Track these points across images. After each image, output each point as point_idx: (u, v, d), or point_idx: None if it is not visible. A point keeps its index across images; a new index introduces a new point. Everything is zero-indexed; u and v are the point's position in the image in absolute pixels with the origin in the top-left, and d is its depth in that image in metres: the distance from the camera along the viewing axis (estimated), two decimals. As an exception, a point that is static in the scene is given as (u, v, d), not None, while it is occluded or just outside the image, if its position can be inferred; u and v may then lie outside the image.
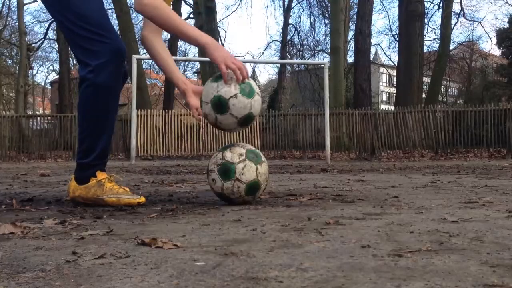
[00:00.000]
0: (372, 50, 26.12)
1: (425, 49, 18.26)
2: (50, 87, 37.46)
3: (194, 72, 34.09)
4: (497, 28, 22.51)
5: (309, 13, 25.67)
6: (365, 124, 10.63)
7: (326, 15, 23.75)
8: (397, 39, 17.02)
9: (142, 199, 2.06)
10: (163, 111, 11.46)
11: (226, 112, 1.97)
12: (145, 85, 15.97)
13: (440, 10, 18.51)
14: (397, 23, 18.10)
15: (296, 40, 25.80)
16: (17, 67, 22.18)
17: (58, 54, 22.98)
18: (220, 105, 1.96)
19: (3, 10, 24.41)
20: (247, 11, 67.76)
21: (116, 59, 2.01)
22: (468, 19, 23.06)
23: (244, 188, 1.98)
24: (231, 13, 63.36)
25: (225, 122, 2.00)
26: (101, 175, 2.05)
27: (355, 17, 18.52)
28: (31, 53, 24.25)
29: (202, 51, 2.09)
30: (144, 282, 0.87)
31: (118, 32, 20.69)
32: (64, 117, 10.89)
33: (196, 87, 2.23)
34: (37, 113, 14.39)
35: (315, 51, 26.18)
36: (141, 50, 15.33)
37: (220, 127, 2.04)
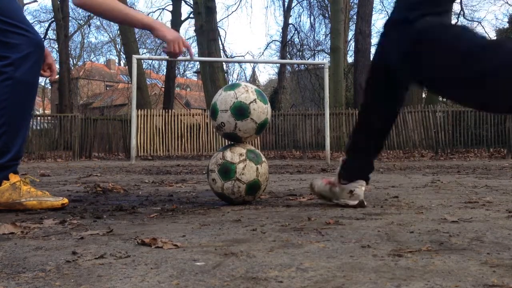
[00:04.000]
0: (372, 50, 26.07)
1: (425, 49, 18.20)
2: (50, 87, 37.48)
3: (194, 72, 34.11)
4: (497, 28, 22.50)
5: (309, 13, 25.66)
6: (365, 124, 10.59)
7: (326, 15, 23.75)
8: (397, 39, 17.00)
9: (65, 200, 1.98)
10: (163, 111, 11.45)
11: (247, 117, 2.01)
12: (145, 85, 15.98)
13: (440, 10, 18.47)
14: (397, 23, 18.06)
15: (296, 40, 25.79)
16: (17, 67, 22.08)
17: (58, 54, 22.95)
18: (242, 110, 2.00)
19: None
20: (247, 11, 67.73)
21: (38, 52, 1.93)
22: (468, 19, 23.03)
23: (244, 188, 1.98)
24: (231, 13, 63.42)
25: (244, 128, 2.03)
26: (14, 178, 1.92)
27: (355, 17, 18.51)
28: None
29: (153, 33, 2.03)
30: (144, 282, 0.88)
31: (118, 32, 20.70)
32: (64, 117, 10.89)
33: None
34: (37, 113, 14.39)
35: (315, 51, 26.17)
36: (141, 50, 15.32)
37: (238, 135, 2.05)
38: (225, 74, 18.89)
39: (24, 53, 1.88)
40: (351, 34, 23.85)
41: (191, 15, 21.15)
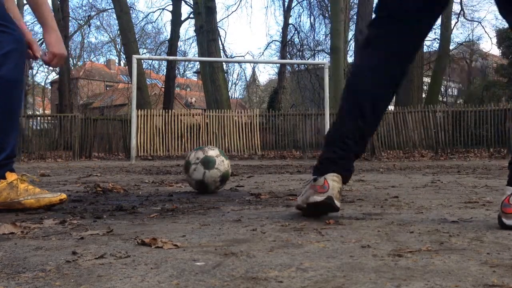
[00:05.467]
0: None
1: (425, 49, 18.25)
2: (50, 87, 37.46)
3: (194, 72, 34.10)
4: (497, 28, 22.49)
5: (309, 13, 25.59)
6: (365, 124, 10.58)
7: (326, 15, 23.70)
8: (397, 39, 17.00)
9: (64, 196, 1.95)
10: (163, 111, 11.46)
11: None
12: (145, 85, 15.98)
13: (440, 10, 18.47)
14: (397, 23, 18.03)
15: (296, 40, 25.74)
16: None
17: (58, 54, 22.89)
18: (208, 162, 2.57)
19: (3, 10, 24.31)
20: (247, 11, 67.63)
21: (20, 49, 1.90)
22: (468, 19, 23.05)
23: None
24: (231, 13, 63.39)
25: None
26: (11, 176, 1.89)
27: (355, 17, 18.51)
28: (31, 53, 24.13)
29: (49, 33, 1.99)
30: (144, 282, 0.88)
31: (118, 32, 20.70)
32: (64, 117, 10.89)
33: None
34: (37, 113, 14.43)
35: (315, 51, 26.12)
36: (141, 50, 15.32)
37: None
38: (225, 74, 18.89)
39: (5, 50, 1.84)
40: (351, 34, 23.82)
41: (191, 15, 21.14)
